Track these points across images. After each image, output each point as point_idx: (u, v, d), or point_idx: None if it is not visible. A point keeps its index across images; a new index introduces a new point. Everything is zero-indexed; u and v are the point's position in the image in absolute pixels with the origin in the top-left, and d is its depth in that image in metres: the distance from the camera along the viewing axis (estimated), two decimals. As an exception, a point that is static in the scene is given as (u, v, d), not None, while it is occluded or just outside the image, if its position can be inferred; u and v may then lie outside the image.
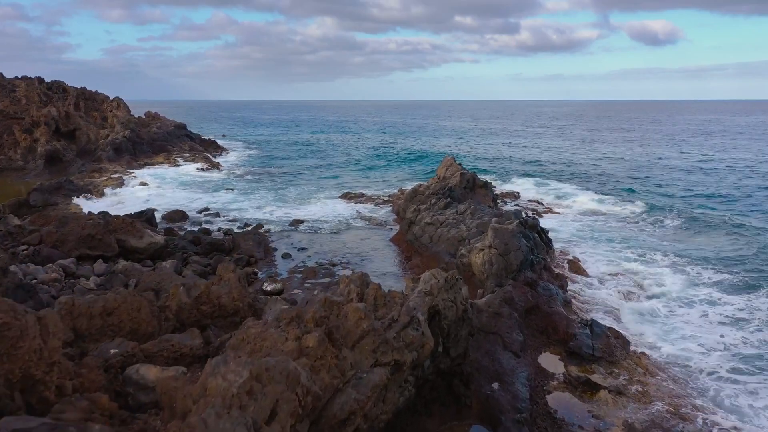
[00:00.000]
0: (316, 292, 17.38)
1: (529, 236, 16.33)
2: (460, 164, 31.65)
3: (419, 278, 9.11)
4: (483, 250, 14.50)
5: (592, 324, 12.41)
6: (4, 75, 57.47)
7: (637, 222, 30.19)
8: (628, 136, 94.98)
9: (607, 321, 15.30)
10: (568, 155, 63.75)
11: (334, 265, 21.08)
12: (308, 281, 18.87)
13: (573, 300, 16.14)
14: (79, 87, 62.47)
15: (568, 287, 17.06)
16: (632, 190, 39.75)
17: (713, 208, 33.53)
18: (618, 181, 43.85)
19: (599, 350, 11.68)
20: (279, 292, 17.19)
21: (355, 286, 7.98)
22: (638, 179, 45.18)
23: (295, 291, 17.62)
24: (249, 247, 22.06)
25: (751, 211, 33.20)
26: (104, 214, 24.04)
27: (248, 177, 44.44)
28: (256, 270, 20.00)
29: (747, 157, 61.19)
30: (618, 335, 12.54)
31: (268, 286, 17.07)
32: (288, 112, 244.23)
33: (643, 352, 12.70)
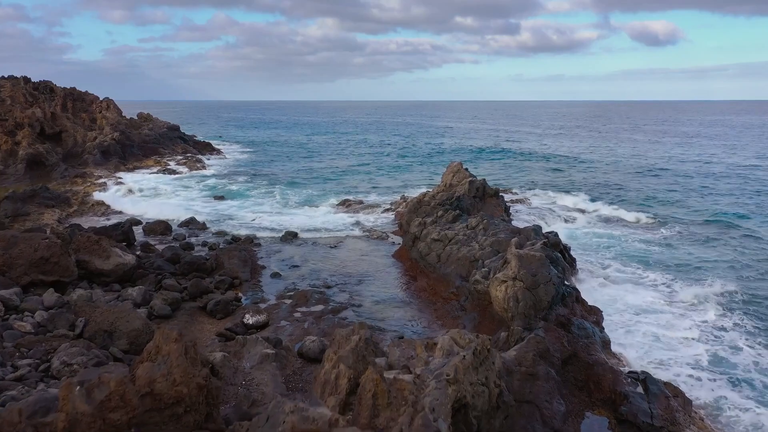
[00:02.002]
0: (306, 325, 14.94)
1: (557, 260, 13.87)
2: (466, 169, 29.22)
3: (435, 344, 6.68)
4: (506, 282, 12.04)
5: (645, 379, 9.94)
6: (4, 76, 55.16)
7: (651, 231, 27.75)
8: (633, 137, 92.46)
9: (654, 366, 12.87)
10: (575, 159, 61.28)
11: (329, 287, 18.62)
12: (298, 309, 16.40)
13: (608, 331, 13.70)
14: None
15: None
16: (644, 196, 37.31)
17: (726, 218, 30.84)
18: (628, 187, 41.33)
19: (659, 417, 9.23)
20: (263, 325, 14.74)
21: (346, 367, 5.58)
22: (649, 184, 42.64)
23: (283, 323, 15.15)
24: (233, 265, 19.58)
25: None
26: (72, 229, 21.66)
27: (241, 182, 41.99)
28: (240, 294, 17.53)
29: (753, 155, 58.75)
30: (677, 393, 10.09)
31: (249, 318, 14.61)
32: (288, 113, 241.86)
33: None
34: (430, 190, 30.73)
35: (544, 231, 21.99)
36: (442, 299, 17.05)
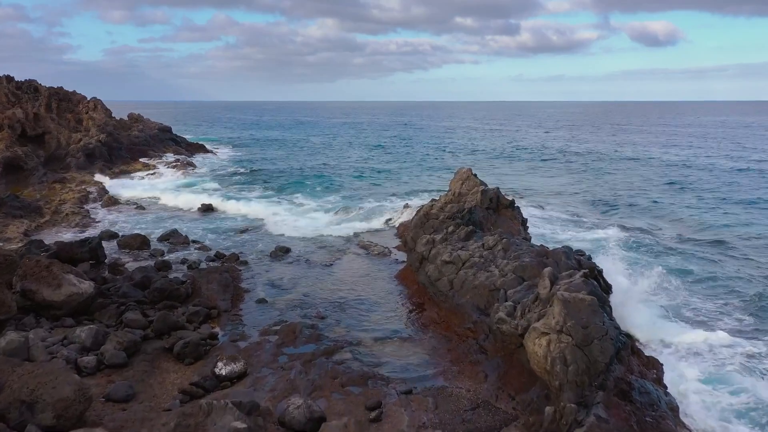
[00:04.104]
0: (292, 375, 12.19)
1: (603, 298, 11.16)
2: (475, 175, 26.46)
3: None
4: (548, 334, 9.34)
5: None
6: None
7: (664, 247, 25.00)
8: (640, 139, 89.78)
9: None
10: (581, 162, 58.63)
11: (322, 318, 15.90)
12: (285, 349, 13.65)
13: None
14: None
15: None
16: (655, 204, 34.74)
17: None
18: (640, 194, 38.66)
19: None
20: (240, 375, 12.01)
21: None
22: (656, 189, 39.94)
23: (264, 371, 12.38)
24: (212, 291, 16.87)
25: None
26: (29, 247, 18.98)
27: (232, 189, 39.18)
28: (216, 329, 14.82)
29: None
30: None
31: (222, 368, 11.88)
32: (287, 113, 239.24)
33: None
34: (436, 198, 28.07)
35: (548, 245, 19.15)
36: (457, 336, 14.35)
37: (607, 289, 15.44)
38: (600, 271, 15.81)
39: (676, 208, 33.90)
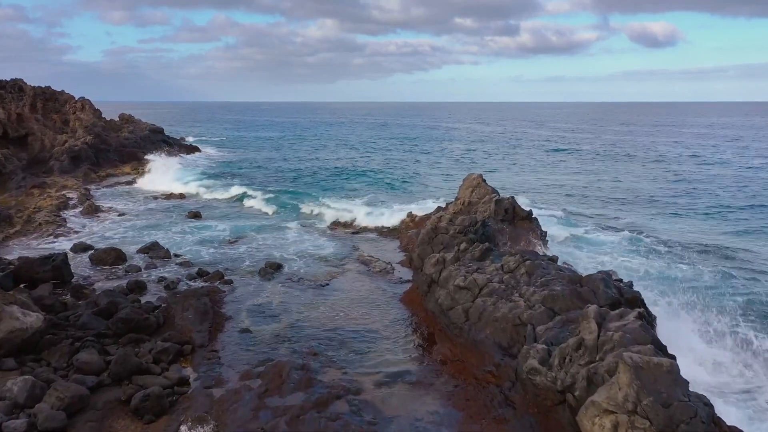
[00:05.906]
0: (275, 440, 9.77)
1: (663, 345, 8.79)
2: (484, 181, 24.07)
3: None
4: (614, 413, 6.96)
5: None
6: (5, 77, 50.48)
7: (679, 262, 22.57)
8: (639, 139, 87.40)
9: None
10: (586, 164, 56.25)
11: (314, 354, 13.52)
12: (268, 400, 11.24)
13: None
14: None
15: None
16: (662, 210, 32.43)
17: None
18: (649, 200, 36.28)
19: None
20: (209, 441, 9.64)
21: None
22: (660, 195, 37.54)
23: (240, 434, 10.02)
24: (186, 321, 14.50)
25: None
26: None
27: (223, 193, 36.73)
28: (188, 371, 12.43)
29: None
30: None
31: (187, 434, 9.50)
32: (287, 113, 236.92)
33: None
34: (443, 207, 25.75)
35: (553, 255, 16.75)
36: (476, 380, 11.98)
37: (651, 322, 13.07)
38: (642, 301, 13.46)
39: (678, 209, 32.14)
